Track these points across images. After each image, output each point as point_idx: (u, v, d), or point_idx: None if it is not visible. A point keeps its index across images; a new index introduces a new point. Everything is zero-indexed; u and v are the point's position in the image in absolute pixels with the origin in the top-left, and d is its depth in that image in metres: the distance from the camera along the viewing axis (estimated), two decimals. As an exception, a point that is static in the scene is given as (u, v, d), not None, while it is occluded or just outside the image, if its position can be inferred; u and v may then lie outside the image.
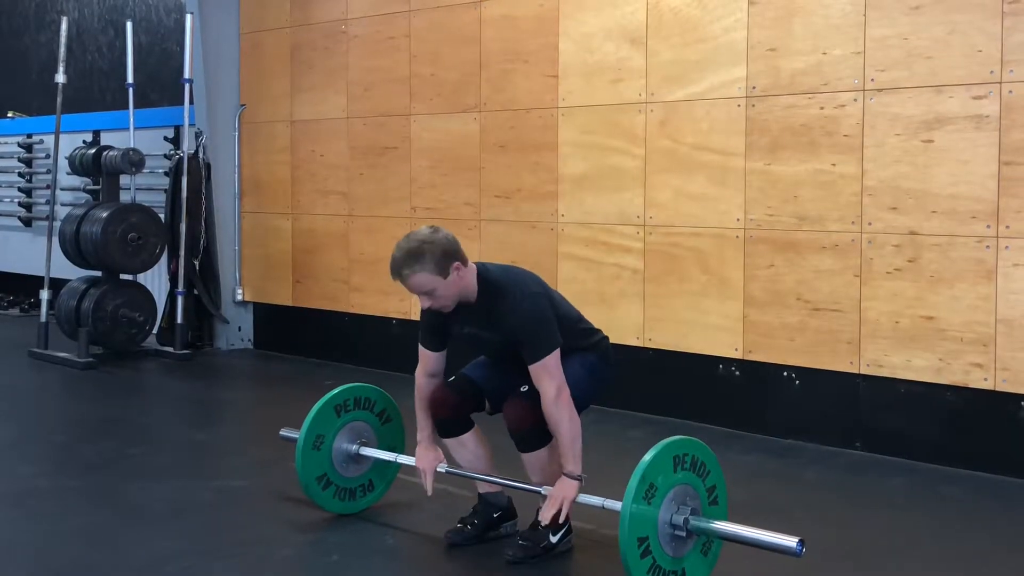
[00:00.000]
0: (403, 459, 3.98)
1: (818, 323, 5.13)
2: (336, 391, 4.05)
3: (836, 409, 5.13)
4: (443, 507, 4.09)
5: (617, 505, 3.17)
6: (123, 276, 7.67)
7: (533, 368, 3.45)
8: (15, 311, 9.95)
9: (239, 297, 7.89)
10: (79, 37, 9.87)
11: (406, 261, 3.43)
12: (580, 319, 3.75)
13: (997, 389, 4.64)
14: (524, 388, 3.54)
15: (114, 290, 7.45)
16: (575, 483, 3.42)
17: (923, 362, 4.82)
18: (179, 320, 7.51)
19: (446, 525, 3.82)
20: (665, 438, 3.27)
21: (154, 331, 7.72)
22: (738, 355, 5.40)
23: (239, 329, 7.94)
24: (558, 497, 3.42)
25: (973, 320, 4.68)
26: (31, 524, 4.05)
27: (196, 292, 7.70)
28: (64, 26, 7.75)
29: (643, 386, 5.69)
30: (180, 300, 7.54)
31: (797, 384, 5.25)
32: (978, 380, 4.69)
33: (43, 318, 7.55)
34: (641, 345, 5.71)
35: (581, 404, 3.55)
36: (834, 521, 4.13)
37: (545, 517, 3.44)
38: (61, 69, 7.70)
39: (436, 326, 3.69)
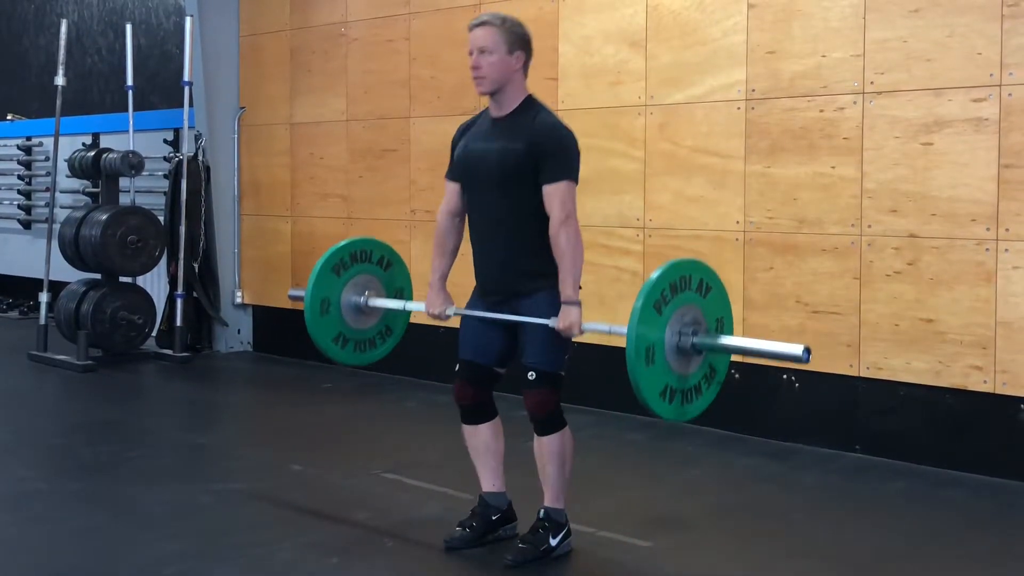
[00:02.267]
0: (411, 306, 4.00)
1: (818, 326, 5.13)
2: (331, 251, 4.06)
3: (836, 412, 5.13)
4: (442, 510, 4.10)
5: (624, 329, 3.20)
6: (122, 279, 7.67)
7: (548, 188, 3.48)
8: (14, 314, 9.95)
9: (238, 300, 7.89)
10: (79, 40, 9.87)
11: (493, 15, 3.62)
12: None
13: (997, 392, 4.64)
14: (532, 376, 3.55)
15: (113, 293, 7.44)
16: (575, 308, 3.45)
17: (923, 365, 4.82)
18: (178, 323, 7.50)
19: (445, 528, 3.82)
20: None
21: (153, 334, 7.72)
22: (738, 358, 5.39)
23: (238, 332, 7.94)
24: (566, 325, 3.45)
25: (973, 323, 4.68)
26: (30, 527, 4.04)
27: (195, 295, 7.69)
28: (64, 29, 7.75)
29: (642, 389, 5.68)
30: (179, 303, 7.53)
31: (797, 387, 5.25)
32: (978, 383, 4.68)
33: (42, 321, 7.54)
34: (640, 348, 5.70)
35: (568, 347, 3.58)
36: (833, 524, 4.13)
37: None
38: (61, 72, 7.69)
39: (459, 144, 3.74)
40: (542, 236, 3.53)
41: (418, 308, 3.91)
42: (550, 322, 3.49)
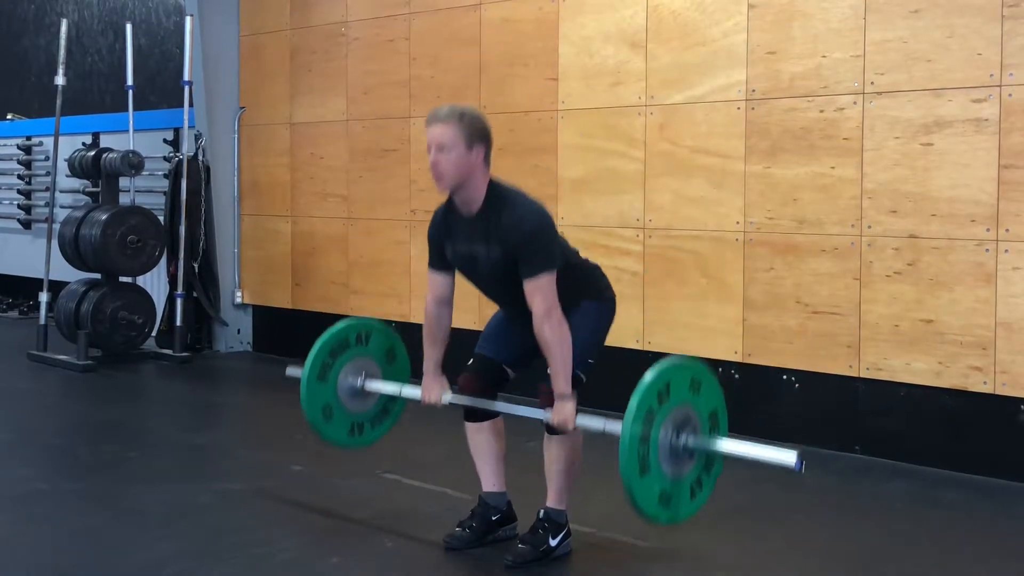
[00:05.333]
0: (408, 391, 3.96)
1: (817, 326, 5.13)
2: (342, 325, 4.01)
3: (835, 412, 5.13)
4: (442, 510, 4.09)
5: (618, 427, 3.17)
6: (122, 278, 7.67)
7: (527, 284, 3.43)
8: (14, 313, 9.95)
9: (238, 300, 7.89)
10: (79, 39, 9.87)
11: (449, 111, 3.50)
12: (585, 260, 3.74)
13: (996, 392, 4.64)
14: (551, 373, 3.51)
15: (113, 293, 7.44)
16: (569, 402, 3.43)
17: (922, 365, 4.82)
18: (178, 323, 7.50)
19: (445, 529, 3.82)
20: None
21: (153, 334, 7.72)
22: (737, 358, 5.40)
23: (238, 332, 7.94)
24: (560, 421, 3.43)
25: (972, 323, 4.68)
26: (29, 526, 4.04)
27: (195, 295, 7.70)
28: (64, 28, 7.75)
29: (642, 389, 5.68)
30: (179, 303, 7.53)
31: (796, 387, 5.25)
32: (977, 383, 4.68)
33: (42, 320, 7.54)
34: (640, 348, 5.71)
35: (592, 352, 3.59)
36: (833, 525, 4.13)
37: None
38: (61, 71, 7.70)
39: (438, 244, 3.69)
40: (560, 282, 3.47)
41: (414, 394, 3.89)
42: (544, 416, 3.49)
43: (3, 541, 3.91)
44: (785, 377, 5.28)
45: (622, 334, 5.68)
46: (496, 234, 3.48)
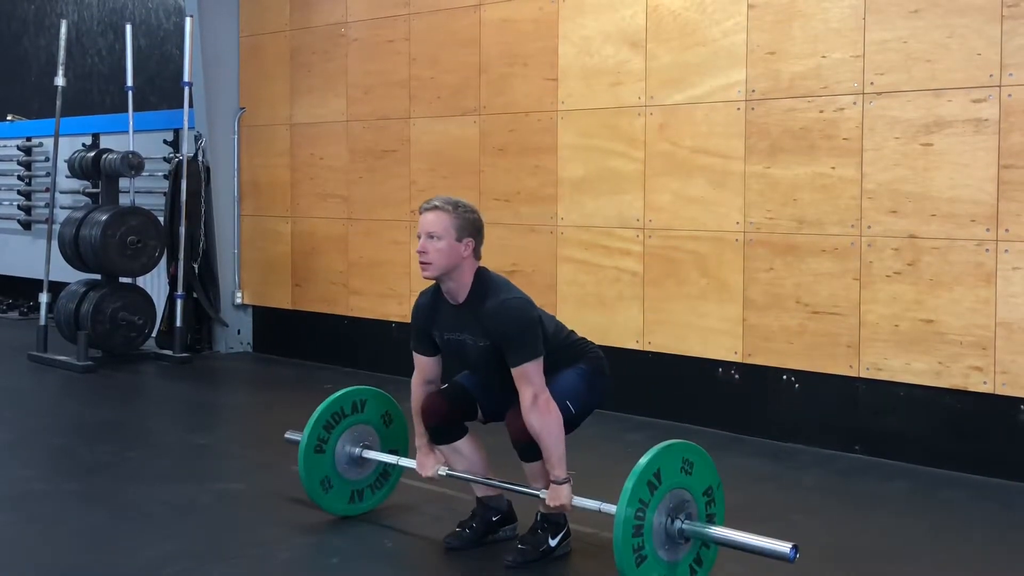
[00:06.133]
0: (405, 462, 3.98)
1: (817, 326, 5.13)
2: (337, 395, 4.04)
3: (835, 412, 5.13)
4: (442, 510, 4.09)
5: (613, 509, 3.17)
6: (122, 279, 7.67)
7: (514, 372, 3.45)
8: (14, 314, 9.95)
9: (238, 300, 7.89)
10: (78, 40, 9.87)
11: (446, 200, 3.56)
12: (571, 333, 3.74)
13: (996, 392, 4.64)
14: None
15: (113, 293, 7.44)
16: (564, 486, 3.43)
17: (922, 365, 4.82)
18: (178, 323, 7.50)
19: (445, 528, 3.82)
20: (664, 441, 3.27)
21: (153, 334, 7.72)
22: (737, 358, 5.40)
23: (238, 332, 7.94)
24: (556, 505, 3.45)
25: (972, 323, 4.68)
26: (29, 527, 4.04)
27: (195, 295, 7.70)
28: (63, 29, 7.75)
29: (642, 389, 5.69)
30: (179, 303, 7.53)
31: (796, 387, 5.25)
32: (977, 383, 4.68)
33: (42, 321, 7.54)
34: (640, 348, 5.71)
35: (581, 415, 3.57)
36: (833, 525, 4.13)
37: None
38: (60, 72, 7.70)
39: (424, 329, 3.68)
40: (548, 359, 3.50)
41: (410, 464, 3.90)
42: (541, 493, 3.49)
43: (3, 541, 3.91)
44: (785, 377, 5.28)
45: (622, 334, 5.69)
46: (482, 327, 3.50)
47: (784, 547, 3.11)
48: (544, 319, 3.61)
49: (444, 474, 3.78)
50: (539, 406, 3.40)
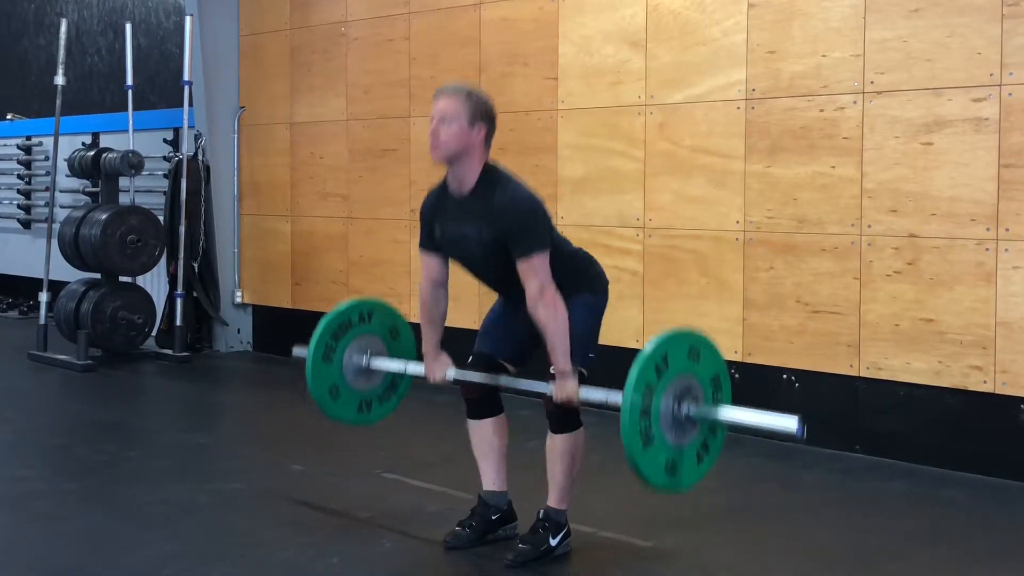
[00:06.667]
0: (412, 368, 3.94)
1: (817, 326, 5.13)
2: (344, 306, 3.99)
3: (836, 412, 5.13)
4: (442, 510, 4.09)
5: (619, 398, 3.16)
6: (122, 278, 7.67)
7: (520, 265, 3.43)
8: (14, 313, 9.95)
9: (238, 299, 7.89)
10: (78, 39, 9.87)
11: (456, 88, 3.56)
12: (577, 249, 3.74)
13: (997, 392, 4.64)
14: (553, 370, 3.49)
15: (113, 292, 7.44)
16: (571, 378, 3.42)
17: (923, 365, 4.82)
18: (178, 322, 7.50)
19: (445, 528, 3.82)
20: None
21: (153, 333, 7.72)
22: (737, 358, 5.40)
23: (238, 331, 7.94)
24: (563, 397, 3.43)
25: (973, 323, 4.68)
26: (28, 527, 4.04)
27: (195, 294, 7.69)
28: (63, 28, 7.74)
29: (642, 389, 5.68)
30: (179, 302, 7.53)
31: (797, 387, 5.25)
32: (978, 383, 4.68)
33: (42, 320, 7.54)
34: (640, 348, 5.69)
35: (592, 346, 3.59)
36: (833, 524, 4.13)
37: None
38: (60, 71, 7.69)
39: (429, 223, 3.68)
40: (553, 272, 3.47)
41: (418, 371, 3.87)
42: (547, 390, 3.48)
43: (3, 541, 3.92)
44: (785, 377, 5.28)
45: (622, 334, 5.68)
46: (488, 216, 3.48)
47: (791, 422, 3.11)
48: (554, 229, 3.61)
49: (452, 377, 3.75)
50: (545, 299, 3.40)
